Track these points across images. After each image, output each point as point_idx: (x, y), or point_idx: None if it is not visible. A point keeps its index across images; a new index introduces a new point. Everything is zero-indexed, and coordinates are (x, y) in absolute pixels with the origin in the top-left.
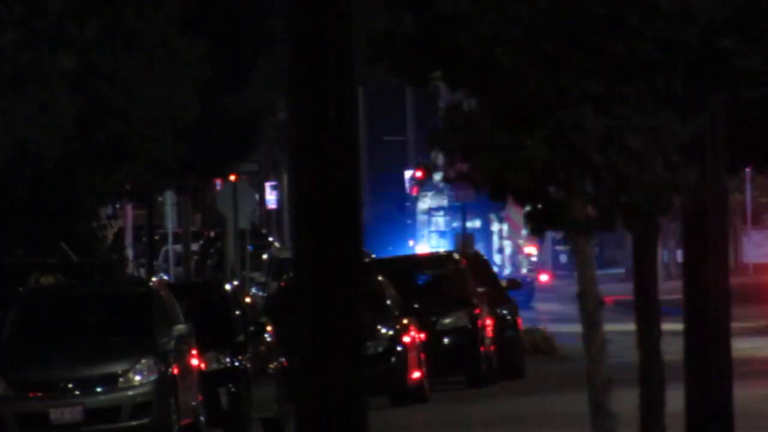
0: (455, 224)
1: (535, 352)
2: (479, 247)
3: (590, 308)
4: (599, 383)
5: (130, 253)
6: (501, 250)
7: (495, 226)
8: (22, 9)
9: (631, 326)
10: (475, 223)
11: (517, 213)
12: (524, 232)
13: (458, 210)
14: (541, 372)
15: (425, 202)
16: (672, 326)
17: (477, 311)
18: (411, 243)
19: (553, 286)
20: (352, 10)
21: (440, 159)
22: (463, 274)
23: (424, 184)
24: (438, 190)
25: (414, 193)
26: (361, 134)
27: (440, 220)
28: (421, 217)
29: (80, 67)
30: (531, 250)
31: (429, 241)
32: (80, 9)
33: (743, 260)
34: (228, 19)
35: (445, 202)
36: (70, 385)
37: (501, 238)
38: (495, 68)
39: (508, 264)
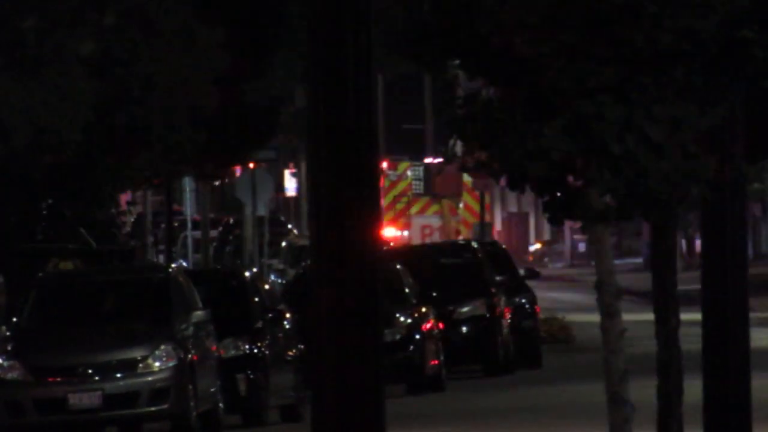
0: (414, 211)
1: (553, 342)
2: (438, 231)
3: (608, 298)
4: (616, 373)
5: (149, 239)
6: (458, 232)
7: (454, 211)
8: None
9: (648, 316)
10: (435, 208)
11: (472, 199)
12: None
13: (418, 197)
14: (558, 361)
15: (392, 190)
16: (690, 316)
17: (494, 300)
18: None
19: None
20: None
21: (458, 147)
22: (480, 263)
23: (390, 174)
24: (403, 179)
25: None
26: (379, 122)
27: (401, 207)
28: (386, 203)
29: (99, 53)
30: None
31: (397, 227)
32: None
33: (762, 250)
34: (247, 7)
35: (409, 190)
36: (89, 371)
37: (459, 222)
38: (514, 57)
39: None
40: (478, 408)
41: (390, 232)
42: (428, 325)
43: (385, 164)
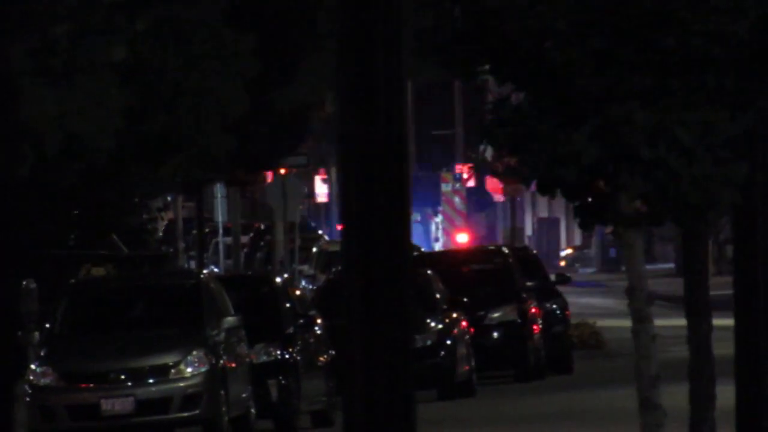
0: None
1: (584, 347)
2: (417, 236)
3: (639, 303)
4: (648, 378)
5: (180, 245)
6: (437, 239)
7: (432, 218)
8: (74, 1)
9: (680, 321)
10: (415, 216)
11: (449, 207)
12: (457, 222)
13: None
14: (589, 367)
15: None
16: (722, 321)
17: (525, 305)
18: None
19: None
20: (401, 3)
21: (489, 153)
22: (511, 268)
23: None
24: None
25: None
26: (409, 128)
27: None
28: None
29: (130, 60)
30: (462, 238)
31: None
32: (131, 2)
33: None
34: (277, 12)
35: None
36: (121, 376)
37: (437, 228)
38: (544, 62)
39: None
40: (509, 413)
41: None
42: (459, 331)
43: None
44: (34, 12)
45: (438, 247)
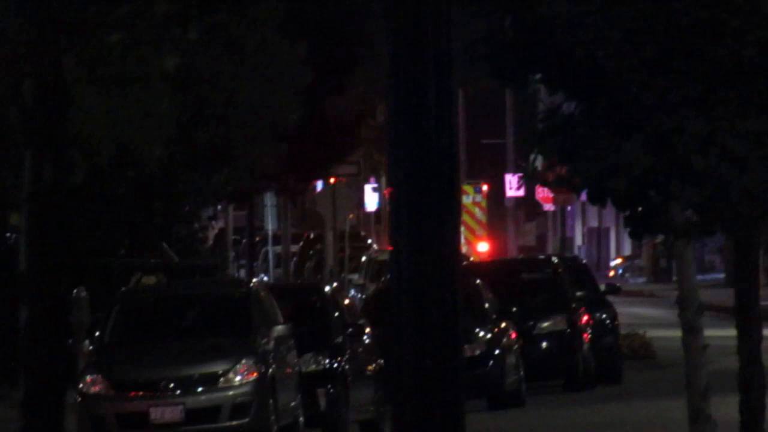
0: None
1: (634, 357)
2: None
3: (690, 313)
4: (698, 389)
5: (230, 254)
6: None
7: None
8: (126, 10)
9: (730, 332)
10: None
11: (470, 218)
12: (478, 232)
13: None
14: (639, 377)
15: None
16: None
17: (575, 315)
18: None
19: None
20: (451, 13)
21: (539, 162)
22: (561, 278)
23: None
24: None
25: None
26: (460, 137)
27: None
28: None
29: (182, 69)
30: (483, 247)
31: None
32: (184, 11)
33: None
34: (329, 21)
35: None
36: (171, 385)
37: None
38: (595, 71)
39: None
40: (559, 423)
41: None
42: (508, 341)
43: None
44: (86, 21)
45: None
